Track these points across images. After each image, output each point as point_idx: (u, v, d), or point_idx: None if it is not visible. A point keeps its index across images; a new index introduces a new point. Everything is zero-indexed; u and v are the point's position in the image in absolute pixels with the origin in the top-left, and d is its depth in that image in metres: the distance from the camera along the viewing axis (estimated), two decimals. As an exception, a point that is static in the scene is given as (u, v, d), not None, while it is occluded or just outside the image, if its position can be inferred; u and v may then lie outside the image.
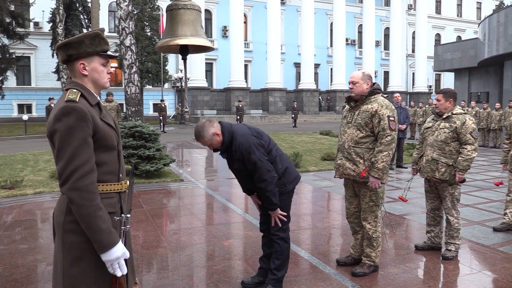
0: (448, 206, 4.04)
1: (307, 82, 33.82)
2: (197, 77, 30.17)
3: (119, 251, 1.74)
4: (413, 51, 42.55)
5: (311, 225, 5.15)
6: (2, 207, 5.93)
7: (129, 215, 1.90)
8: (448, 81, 41.65)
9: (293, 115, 25.50)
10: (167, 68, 28.92)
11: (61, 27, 22.20)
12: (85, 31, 22.87)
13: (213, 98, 32.51)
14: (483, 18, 26.03)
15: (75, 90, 1.80)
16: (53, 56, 26.70)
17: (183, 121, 27.81)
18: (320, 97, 35.60)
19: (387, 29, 41.66)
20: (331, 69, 38.07)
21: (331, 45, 38.18)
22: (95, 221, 1.68)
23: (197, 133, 2.99)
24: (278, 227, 3.18)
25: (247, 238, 4.64)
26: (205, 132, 2.96)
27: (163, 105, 22.31)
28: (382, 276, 3.59)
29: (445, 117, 4.04)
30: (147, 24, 26.56)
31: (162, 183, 7.66)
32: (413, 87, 42.34)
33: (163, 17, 25.86)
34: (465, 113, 4.01)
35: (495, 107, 15.06)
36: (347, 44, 38.73)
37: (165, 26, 3.50)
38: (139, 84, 9.64)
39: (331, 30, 37.91)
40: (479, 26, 22.79)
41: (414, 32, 42.15)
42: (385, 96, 3.58)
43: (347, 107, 3.70)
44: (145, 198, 6.50)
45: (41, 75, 29.63)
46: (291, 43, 38.42)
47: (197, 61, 29.78)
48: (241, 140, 2.99)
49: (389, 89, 38.12)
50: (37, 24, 28.69)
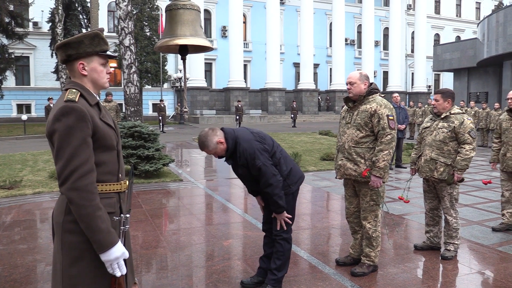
0: (446, 206, 4.05)
1: (307, 82, 33.84)
2: (196, 77, 30.18)
3: (119, 251, 1.74)
4: (412, 51, 42.57)
5: (311, 225, 5.16)
6: (1, 207, 5.92)
7: (128, 215, 1.90)
8: (447, 81, 41.71)
9: (292, 115, 25.51)
10: (166, 68, 28.92)
11: (60, 27, 22.17)
12: (84, 31, 22.86)
13: (212, 98, 32.51)
14: (482, 18, 26.05)
15: (74, 90, 1.80)
16: (52, 56, 26.69)
17: (182, 121, 27.80)
18: (319, 97, 35.62)
19: (386, 29, 41.69)
20: (330, 69, 38.09)
21: (331, 45, 38.21)
22: (94, 221, 1.68)
23: (201, 143, 2.98)
24: (282, 228, 3.18)
25: (247, 238, 4.64)
26: (209, 141, 2.96)
27: (162, 105, 22.31)
28: (381, 276, 3.59)
29: (443, 117, 4.04)
30: (146, 24, 26.55)
31: (161, 183, 7.66)
32: (412, 87, 42.37)
33: (162, 17, 25.86)
34: (463, 112, 4.02)
35: (494, 107, 15.08)
36: (347, 44, 38.76)
37: (164, 26, 3.50)
38: (138, 84, 9.63)
39: (331, 30, 37.93)
40: (478, 26, 22.83)
41: (413, 32, 42.17)
42: (383, 95, 3.60)
43: (345, 107, 3.71)
44: (145, 198, 6.50)
45: (40, 75, 29.61)
46: (290, 43, 38.43)
47: (196, 61, 29.79)
48: (245, 145, 2.98)
49: (388, 89, 38.17)
50: (36, 24, 28.67)
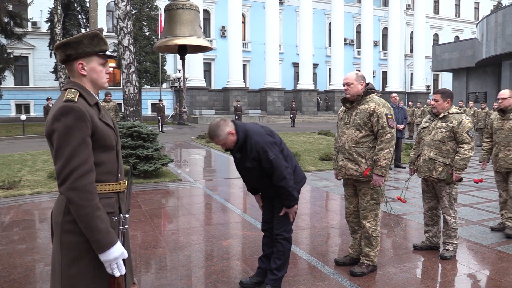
0: (445, 205, 4.05)
1: (306, 82, 33.83)
2: (195, 77, 30.15)
3: (118, 251, 1.74)
4: (411, 51, 42.60)
5: (310, 225, 5.16)
6: (0, 207, 5.91)
7: (127, 215, 1.90)
8: (446, 81, 41.76)
9: (292, 115, 25.52)
10: (165, 68, 28.90)
11: (59, 27, 22.13)
12: (83, 31, 22.85)
13: (211, 98, 32.50)
14: (481, 18, 26.09)
15: (73, 90, 1.80)
16: (51, 56, 26.65)
17: (181, 121, 27.78)
18: (318, 97, 35.62)
19: (385, 29, 41.70)
20: (330, 69, 38.09)
21: (330, 45, 38.20)
22: (93, 221, 1.68)
23: (211, 132, 2.95)
24: (283, 227, 3.17)
25: (246, 238, 4.64)
26: (221, 131, 2.92)
27: (162, 105, 22.30)
28: (380, 275, 3.60)
29: (441, 117, 4.05)
30: (145, 24, 26.53)
31: (160, 183, 7.65)
32: (411, 87, 42.40)
33: (161, 17, 25.85)
34: (462, 112, 4.03)
35: (493, 107, 15.09)
36: (346, 44, 38.76)
37: (163, 26, 3.50)
38: (137, 84, 9.62)
39: (330, 30, 37.94)
40: (477, 26, 22.86)
41: (412, 32, 42.18)
42: (379, 95, 3.63)
43: (343, 108, 3.73)
44: (144, 198, 6.49)
45: (39, 75, 29.57)
46: (289, 43, 38.43)
47: (195, 61, 29.76)
48: (257, 138, 2.98)
49: (387, 89, 38.20)
50: (35, 24, 28.63)
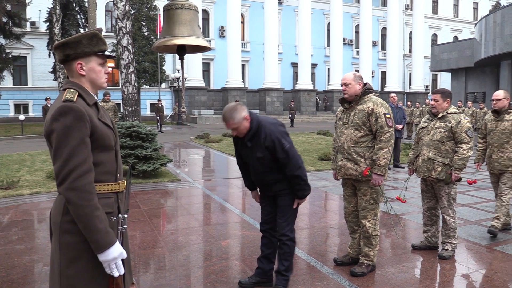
0: (444, 205, 4.06)
1: (304, 82, 33.84)
2: (194, 77, 30.14)
3: (116, 251, 1.74)
4: (410, 51, 42.66)
5: (309, 225, 5.16)
6: (-2, 208, 5.91)
7: (126, 215, 1.90)
8: (444, 81, 41.81)
9: (290, 115, 25.55)
10: (164, 68, 28.88)
11: (58, 27, 22.10)
12: (82, 31, 22.84)
13: (210, 98, 32.48)
14: (479, 18, 26.12)
15: (72, 90, 1.80)
16: (49, 56, 26.63)
17: (180, 121, 27.76)
18: (317, 97, 35.63)
19: (384, 29, 41.74)
20: (328, 69, 38.12)
21: (328, 45, 38.22)
22: (92, 221, 1.68)
23: (227, 113, 2.91)
24: (287, 226, 3.16)
25: (245, 238, 4.64)
26: (237, 113, 2.90)
27: (160, 105, 22.28)
28: (379, 275, 3.60)
29: (440, 117, 4.06)
30: (144, 24, 26.50)
31: (159, 183, 7.65)
32: (410, 87, 42.45)
33: (160, 17, 25.83)
34: (460, 112, 4.04)
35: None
36: (344, 44, 38.80)
37: (162, 26, 3.50)
38: (136, 84, 9.62)
39: (328, 30, 37.96)
40: (475, 26, 22.89)
41: (411, 32, 42.23)
42: (376, 95, 3.65)
43: (341, 108, 3.74)
44: (142, 198, 6.49)
45: (37, 75, 29.54)
46: (288, 43, 38.44)
47: (194, 61, 29.75)
48: (272, 128, 3.00)
49: (386, 89, 38.20)
50: (33, 23, 28.58)
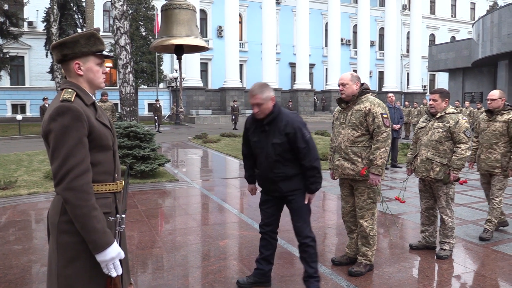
0: (442, 205, 4.07)
1: (302, 82, 33.88)
2: (192, 77, 30.11)
3: (114, 251, 1.73)
4: (408, 51, 42.75)
5: (307, 224, 5.16)
6: (-5, 208, 5.89)
7: (124, 216, 1.89)
8: (442, 81, 41.88)
9: (289, 115, 25.51)
10: (162, 68, 28.84)
11: (55, 27, 22.09)
12: (79, 30, 22.81)
13: (208, 98, 32.46)
14: (477, 18, 26.19)
15: (70, 90, 1.79)
16: (47, 55, 26.56)
17: (178, 121, 27.75)
18: (315, 97, 35.65)
19: (382, 29, 41.82)
20: (326, 69, 38.14)
21: (326, 45, 38.27)
22: (90, 221, 1.68)
23: (257, 87, 3.01)
24: (307, 227, 3.15)
25: (243, 238, 4.64)
26: (266, 90, 3.01)
27: (158, 105, 22.25)
28: (377, 275, 3.60)
29: (438, 117, 4.07)
30: (142, 23, 26.48)
31: (157, 183, 7.64)
32: (407, 87, 42.54)
33: (158, 16, 25.80)
34: (458, 112, 4.05)
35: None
36: (342, 44, 38.82)
37: (160, 26, 3.50)
38: (134, 84, 9.61)
39: (326, 30, 37.99)
40: (473, 26, 22.96)
41: (408, 32, 42.33)
42: (374, 95, 3.66)
43: (338, 108, 3.75)
44: (140, 198, 6.48)
45: (35, 75, 29.47)
46: (286, 43, 38.46)
47: (192, 61, 29.72)
48: (293, 116, 3.09)
49: (384, 89, 38.28)
50: (31, 23, 28.53)
